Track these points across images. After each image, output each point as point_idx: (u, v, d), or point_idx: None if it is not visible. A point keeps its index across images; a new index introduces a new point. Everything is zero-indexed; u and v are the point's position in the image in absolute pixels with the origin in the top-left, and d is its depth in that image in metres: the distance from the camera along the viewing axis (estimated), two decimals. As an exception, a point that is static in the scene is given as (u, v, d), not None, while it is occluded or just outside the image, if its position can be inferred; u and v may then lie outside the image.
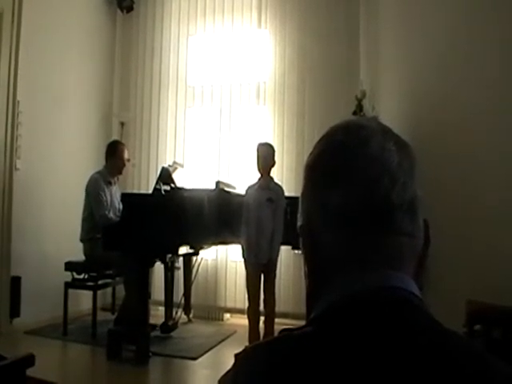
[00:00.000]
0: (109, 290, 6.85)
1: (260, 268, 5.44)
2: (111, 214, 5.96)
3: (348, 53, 7.03)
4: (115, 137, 7.61)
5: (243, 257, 5.54)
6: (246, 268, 5.55)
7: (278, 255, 5.52)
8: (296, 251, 6.21)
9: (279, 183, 5.76)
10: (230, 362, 0.88)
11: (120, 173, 6.41)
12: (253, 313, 5.46)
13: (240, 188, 6.09)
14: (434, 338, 0.81)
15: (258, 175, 5.56)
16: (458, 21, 3.11)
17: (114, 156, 6.25)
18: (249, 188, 5.59)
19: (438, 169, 3.25)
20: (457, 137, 3.07)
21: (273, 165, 5.58)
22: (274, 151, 5.59)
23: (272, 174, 5.65)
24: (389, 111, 5.11)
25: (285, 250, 6.29)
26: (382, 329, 0.81)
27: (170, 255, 5.72)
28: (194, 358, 5.37)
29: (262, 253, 5.38)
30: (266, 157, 5.50)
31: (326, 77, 7.12)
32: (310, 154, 1.00)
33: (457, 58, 3.12)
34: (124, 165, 6.34)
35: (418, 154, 0.98)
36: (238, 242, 5.59)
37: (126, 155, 6.33)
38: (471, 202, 2.84)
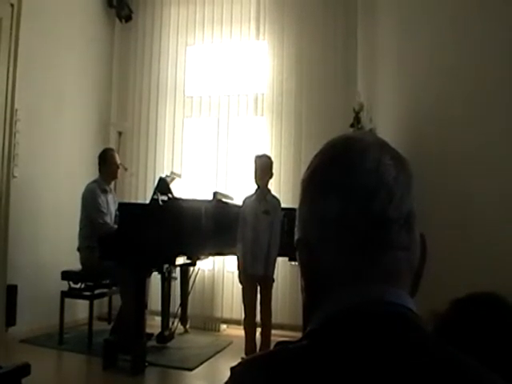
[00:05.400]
0: (105, 299, 6.83)
1: (256, 280, 5.44)
2: (110, 222, 5.98)
3: (346, 64, 7.06)
4: (113, 146, 7.59)
5: (238, 268, 5.53)
6: (240, 280, 5.54)
7: (274, 268, 5.51)
8: (293, 263, 6.21)
9: (276, 195, 5.76)
10: (226, 373, 0.88)
11: (115, 177, 6.44)
12: (249, 324, 5.45)
13: (237, 199, 6.09)
14: (429, 355, 0.81)
15: (255, 186, 5.55)
16: (461, 30, 3.12)
17: (106, 162, 6.27)
18: (246, 199, 5.59)
19: (437, 175, 3.26)
20: (457, 146, 3.07)
21: (270, 176, 5.58)
22: (271, 163, 5.59)
23: (269, 186, 5.65)
24: (386, 123, 5.12)
25: (281, 262, 6.29)
26: (377, 344, 0.81)
27: (166, 265, 5.71)
28: (190, 369, 5.35)
29: (257, 265, 5.37)
30: (263, 168, 5.50)
31: (323, 88, 7.15)
32: (308, 168, 1.00)
33: (459, 67, 3.12)
34: (118, 168, 6.36)
35: (416, 164, 0.98)
36: (235, 253, 5.59)
37: (117, 159, 6.35)
38: (470, 207, 2.85)
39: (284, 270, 6.74)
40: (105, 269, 5.65)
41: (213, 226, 5.54)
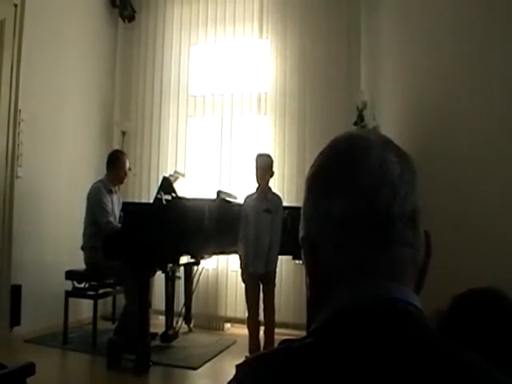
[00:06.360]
0: (109, 299, 6.83)
1: (258, 278, 5.44)
2: (115, 222, 5.98)
3: (349, 63, 7.05)
4: (116, 146, 7.62)
5: (241, 267, 5.54)
6: (243, 278, 5.55)
7: (276, 265, 5.51)
8: (297, 261, 6.21)
9: (277, 193, 5.76)
10: (230, 372, 0.89)
11: (121, 182, 6.43)
12: (252, 323, 5.45)
13: (241, 198, 6.09)
14: (434, 352, 0.81)
15: (256, 185, 5.56)
16: (462, 30, 3.12)
17: (116, 166, 6.25)
18: (247, 198, 5.60)
19: (440, 172, 3.26)
20: (459, 144, 3.07)
21: (271, 175, 5.59)
22: (272, 161, 5.60)
23: (272, 184, 5.66)
24: (389, 121, 5.12)
25: (285, 260, 6.29)
26: (382, 341, 0.82)
27: (170, 264, 5.71)
28: (195, 368, 5.36)
29: (259, 263, 5.38)
30: (264, 167, 5.50)
31: (327, 87, 7.14)
32: (312, 166, 1.00)
33: (460, 67, 3.13)
34: (126, 175, 6.36)
35: (419, 163, 0.99)
36: (238, 252, 5.59)
37: (127, 165, 6.34)
38: (472, 203, 2.85)
39: (288, 268, 6.74)
40: (109, 268, 5.66)
41: (216, 225, 5.53)
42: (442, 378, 0.78)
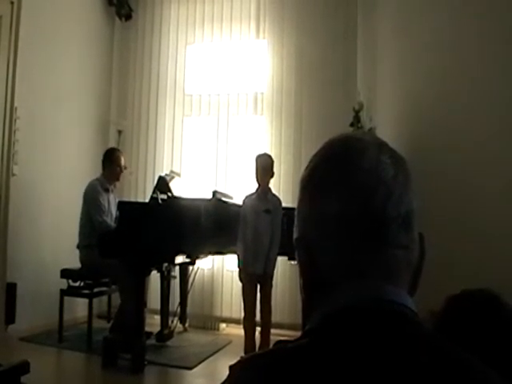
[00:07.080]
0: (105, 297, 6.80)
1: (256, 278, 5.43)
2: (110, 221, 5.96)
3: (346, 64, 7.04)
4: (112, 144, 7.60)
5: (238, 266, 5.53)
6: (240, 277, 5.54)
7: (274, 267, 5.51)
8: (292, 262, 6.21)
9: (277, 194, 5.76)
10: (225, 372, 0.88)
11: (117, 179, 6.40)
12: (248, 323, 5.44)
13: (237, 198, 6.08)
14: (431, 352, 0.81)
15: (256, 185, 5.54)
16: (461, 30, 3.12)
17: (112, 163, 6.24)
18: (246, 198, 5.58)
19: (438, 173, 3.26)
20: (459, 146, 3.07)
21: (271, 175, 5.58)
22: (272, 162, 5.58)
23: (270, 185, 5.65)
24: (386, 122, 5.12)
25: (281, 261, 6.28)
26: (379, 341, 0.81)
27: (166, 264, 5.71)
28: (190, 368, 5.35)
29: (258, 263, 5.37)
30: (264, 168, 5.49)
31: (323, 87, 7.13)
32: (306, 167, 1.00)
33: (460, 67, 3.13)
34: (121, 171, 6.33)
35: (419, 164, 0.99)
36: (235, 252, 5.58)
37: (122, 162, 6.33)
38: (470, 204, 2.85)
39: (283, 269, 6.73)
40: (104, 267, 5.64)
41: (212, 224, 5.53)
42: (439, 377, 0.78)
